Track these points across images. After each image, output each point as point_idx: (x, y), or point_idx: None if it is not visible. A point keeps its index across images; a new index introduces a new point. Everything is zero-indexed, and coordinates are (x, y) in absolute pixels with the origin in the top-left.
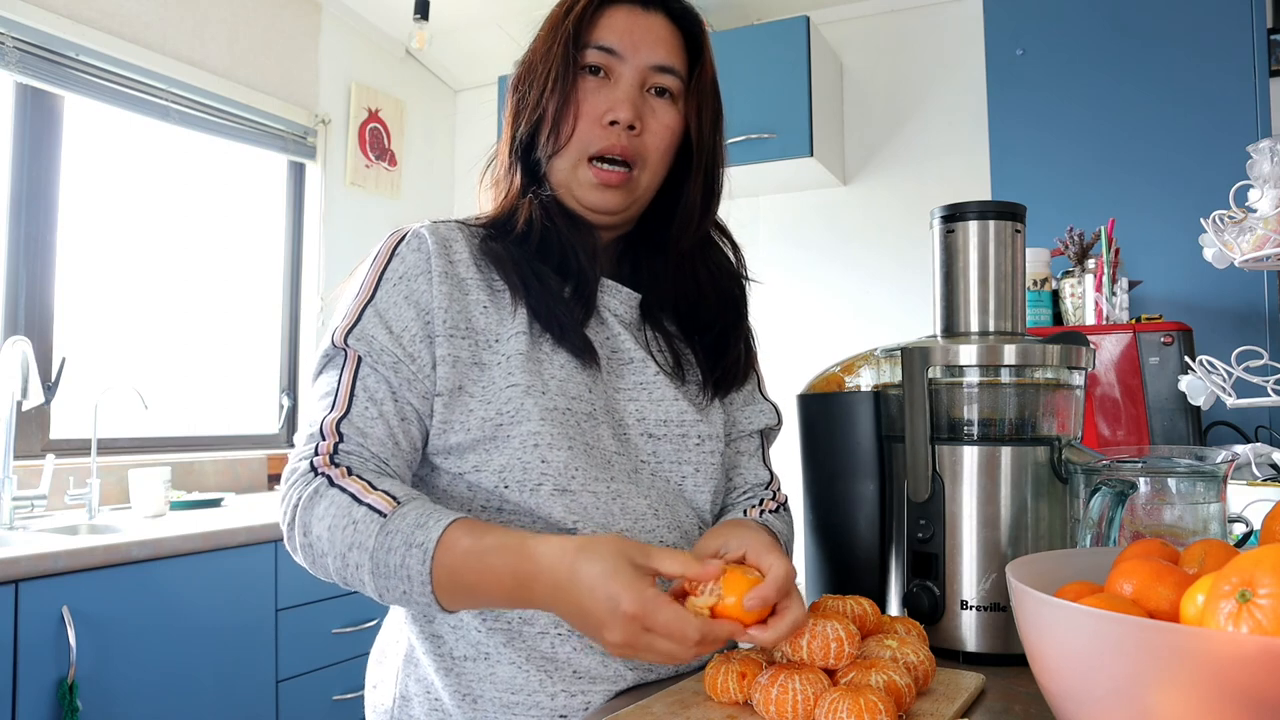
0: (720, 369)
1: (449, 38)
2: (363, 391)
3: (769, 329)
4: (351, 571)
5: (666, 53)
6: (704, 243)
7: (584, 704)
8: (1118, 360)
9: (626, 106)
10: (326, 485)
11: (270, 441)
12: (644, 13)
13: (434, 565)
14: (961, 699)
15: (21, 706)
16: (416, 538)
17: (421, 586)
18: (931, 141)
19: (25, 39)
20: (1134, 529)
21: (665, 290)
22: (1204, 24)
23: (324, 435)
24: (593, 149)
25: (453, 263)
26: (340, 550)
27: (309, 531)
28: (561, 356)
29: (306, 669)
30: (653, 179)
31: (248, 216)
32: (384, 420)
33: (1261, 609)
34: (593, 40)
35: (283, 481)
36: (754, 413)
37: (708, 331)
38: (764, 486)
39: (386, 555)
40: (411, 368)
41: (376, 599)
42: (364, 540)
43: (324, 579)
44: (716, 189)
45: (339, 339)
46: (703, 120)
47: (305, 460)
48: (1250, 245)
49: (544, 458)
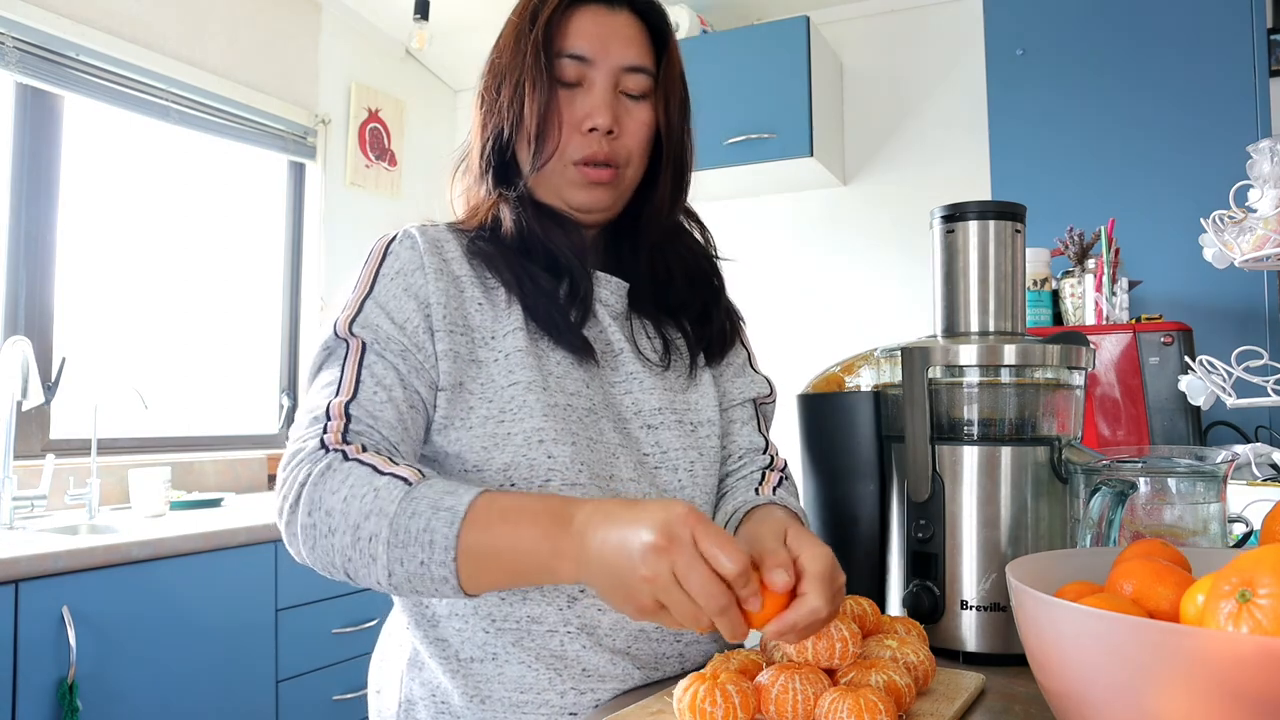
0: (707, 339)
1: (449, 38)
2: (370, 377)
3: (769, 329)
4: (363, 546)
5: (636, 53)
6: (675, 228)
7: (593, 701)
8: (1118, 360)
9: (604, 112)
10: (341, 460)
11: (270, 441)
12: (610, 12)
13: (463, 528)
14: (961, 699)
15: (21, 706)
16: (446, 502)
17: (444, 553)
18: (931, 141)
19: (25, 39)
20: (1134, 529)
21: (642, 275)
22: (1204, 24)
23: (331, 416)
24: (575, 157)
25: (446, 260)
26: (355, 521)
27: (319, 506)
28: (560, 353)
29: (306, 669)
30: (636, 174)
31: (248, 216)
32: (394, 405)
33: (1261, 609)
34: (565, 49)
35: (283, 464)
36: (745, 384)
37: (685, 310)
38: (760, 452)
39: (409, 520)
40: (418, 356)
41: (382, 579)
42: (385, 506)
43: (321, 568)
44: (686, 175)
45: (341, 329)
46: (670, 111)
47: (313, 439)
48: (1250, 245)
49: (549, 453)
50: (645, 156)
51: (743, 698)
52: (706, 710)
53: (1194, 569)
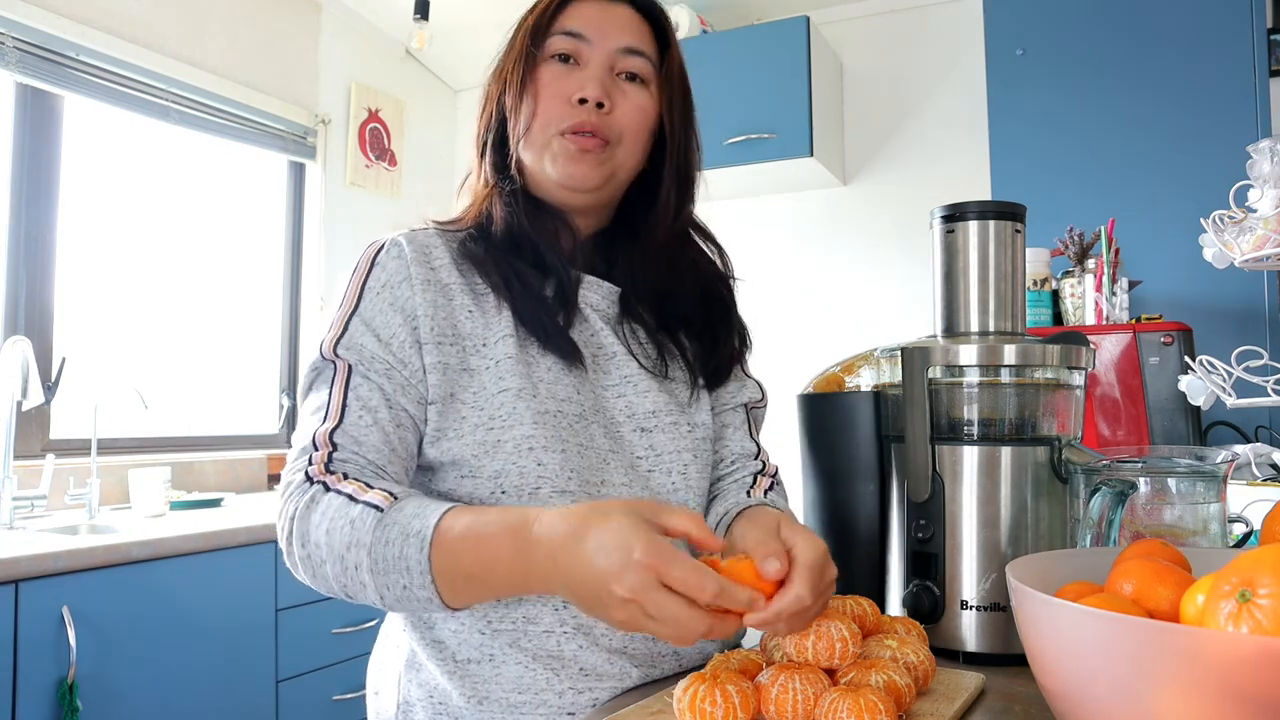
0: (714, 363)
1: (449, 38)
2: (355, 401)
3: (769, 329)
4: (351, 574)
5: (635, 37)
6: (682, 237)
7: (591, 701)
8: (1118, 360)
9: (594, 84)
10: (322, 491)
11: (270, 441)
12: (609, 4)
13: (433, 552)
14: (961, 699)
15: (21, 706)
16: (414, 526)
17: (421, 577)
18: (931, 141)
19: (25, 39)
20: (1134, 529)
21: (644, 282)
22: (1204, 24)
23: (317, 446)
24: (562, 125)
25: (434, 269)
26: (339, 552)
27: (306, 541)
28: (549, 359)
29: (306, 669)
30: (628, 158)
31: (248, 216)
32: (379, 428)
33: (1261, 609)
34: (558, 28)
35: (279, 494)
36: (736, 388)
37: (689, 325)
38: (752, 457)
39: (384, 548)
40: (404, 373)
41: (377, 602)
42: (361, 537)
43: (325, 591)
44: (691, 181)
45: (327, 350)
46: (673, 111)
47: (299, 472)
48: (1250, 245)
49: (539, 460)
50: (640, 144)
51: (743, 698)
52: (706, 710)
53: (1194, 569)
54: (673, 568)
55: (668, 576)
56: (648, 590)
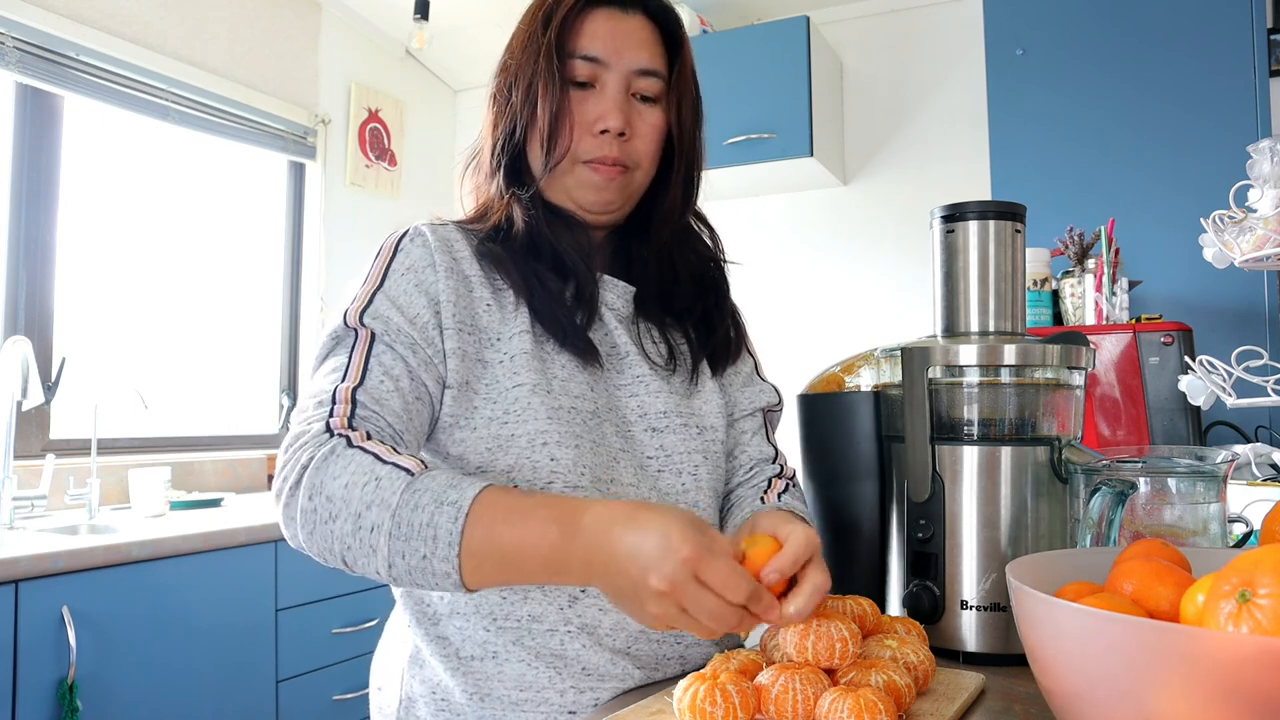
0: (711, 346)
1: (449, 38)
2: (378, 366)
3: (769, 329)
4: (364, 536)
5: (649, 56)
6: (684, 231)
7: (593, 700)
8: (1118, 360)
9: (615, 114)
10: (345, 445)
11: (270, 441)
12: (624, 15)
13: (468, 524)
14: (961, 699)
15: (21, 706)
16: (449, 496)
17: (448, 549)
18: (931, 141)
19: (25, 39)
20: (1134, 529)
21: (652, 280)
22: (1204, 24)
23: (336, 400)
24: (586, 157)
25: (456, 259)
26: (356, 509)
27: (318, 492)
28: (564, 356)
29: (306, 669)
30: (645, 178)
31: (248, 216)
32: (400, 395)
33: (1261, 609)
34: (577, 50)
35: (285, 446)
36: (754, 393)
37: (689, 314)
38: (769, 462)
39: (412, 513)
40: (427, 351)
41: (382, 570)
42: (387, 497)
43: (317, 554)
44: (696, 180)
45: (351, 319)
46: (683, 115)
47: (318, 423)
48: (1250, 245)
49: (553, 455)
50: (656, 160)
51: (743, 698)
52: (706, 710)
53: (1194, 569)
54: (714, 562)
55: (704, 571)
56: (684, 587)
